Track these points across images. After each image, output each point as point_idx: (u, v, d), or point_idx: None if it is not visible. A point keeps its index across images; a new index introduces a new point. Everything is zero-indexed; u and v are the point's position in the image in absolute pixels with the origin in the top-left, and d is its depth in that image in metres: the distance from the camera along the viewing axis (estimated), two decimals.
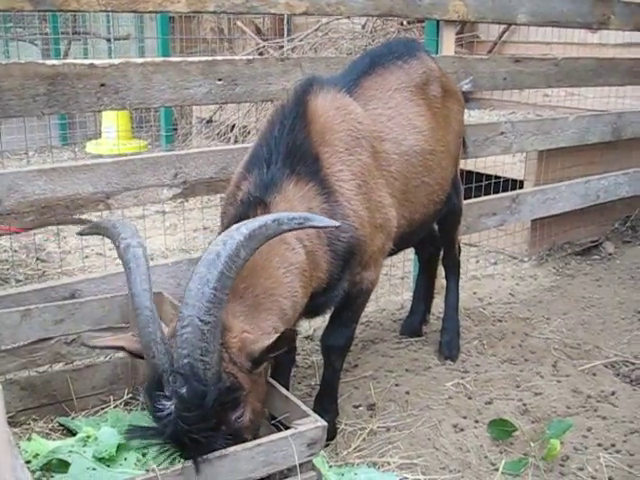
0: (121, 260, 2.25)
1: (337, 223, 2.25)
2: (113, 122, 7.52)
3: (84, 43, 9.99)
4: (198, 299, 2.00)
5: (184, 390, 1.95)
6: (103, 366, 2.99)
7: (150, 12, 3.10)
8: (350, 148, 2.69)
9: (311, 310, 2.69)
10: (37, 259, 5.08)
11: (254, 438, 2.13)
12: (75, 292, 3.02)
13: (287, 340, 2.14)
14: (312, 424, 2.15)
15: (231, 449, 2.01)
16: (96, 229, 2.54)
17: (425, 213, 3.13)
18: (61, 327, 2.82)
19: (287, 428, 2.18)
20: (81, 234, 2.68)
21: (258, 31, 8.58)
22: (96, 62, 2.86)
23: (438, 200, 3.20)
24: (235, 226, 2.10)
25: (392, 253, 3.09)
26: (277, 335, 2.11)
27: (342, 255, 2.63)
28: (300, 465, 2.12)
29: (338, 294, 2.76)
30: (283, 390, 2.29)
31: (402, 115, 3.01)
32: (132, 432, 2.01)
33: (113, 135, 7.87)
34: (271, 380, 2.37)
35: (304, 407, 2.20)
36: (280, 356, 2.84)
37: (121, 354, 3.02)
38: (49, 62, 2.77)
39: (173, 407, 1.94)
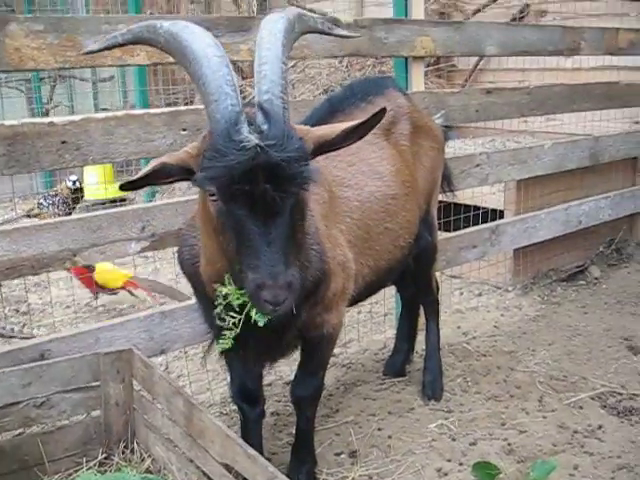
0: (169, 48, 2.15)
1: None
2: (95, 169, 7.51)
3: (69, 87, 10.00)
4: (272, 42, 2.07)
5: (266, 127, 1.93)
6: (75, 427, 2.92)
7: (110, 66, 3.09)
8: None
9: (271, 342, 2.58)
10: (17, 311, 5.03)
11: None
12: (45, 352, 2.95)
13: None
14: None
15: None
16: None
17: (391, 259, 3.07)
18: (29, 390, 2.75)
19: None
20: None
21: (237, 68, 8.58)
22: (56, 120, 2.83)
23: (405, 244, 3.15)
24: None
25: (358, 300, 3.04)
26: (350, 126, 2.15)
27: (310, 274, 2.49)
28: None
29: (295, 328, 2.59)
30: (251, 450, 2.22)
31: (363, 161, 2.97)
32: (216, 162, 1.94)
33: (95, 180, 7.85)
34: (238, 439, 2.30)
35: (272, 468, 2.14)
36: (247, 412, 2.84)
37: (95, 413, 2.97)
38: (7, 123, 2.74)
39: (257, 140, 1.89)
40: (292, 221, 2.03)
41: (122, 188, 2.04)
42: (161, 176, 2.05)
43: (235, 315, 2.15)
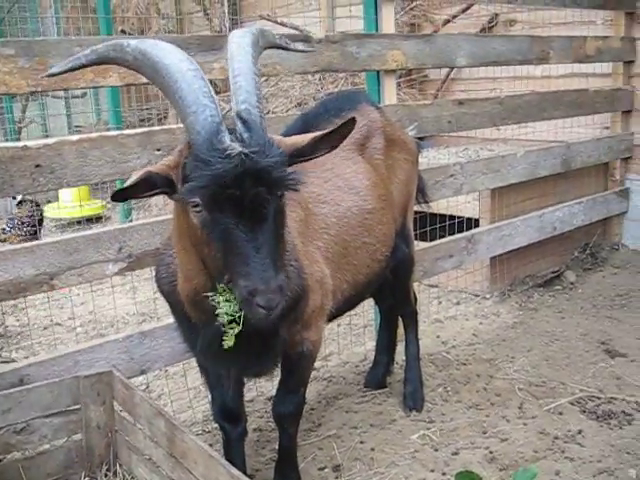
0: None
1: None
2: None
3: (41, 104, 9.93)
4: (243, 54, 2.15)
5: (247, 135, 1.97)
6: (56, 452, 2.90)
7: (83, 88, 3.09)
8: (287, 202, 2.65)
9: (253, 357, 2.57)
10: None
11: None
12: (24, 377, 2.94)
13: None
14: None
15: None
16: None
17: (369, 273, 3.09)
18: (9, 416, 2.73)
19: None
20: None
21: (212, 84, 8.60)
22: (29, 143, 2.83)
23: (382, 258, 3.17)
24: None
25: (337, 315, 3.05)
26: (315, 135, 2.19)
27: (290, 290, 2.47)
28: None
29: (276, 345, 2.60)
30: (234, 470, 2.22)
31: (339, 177, 2.99)
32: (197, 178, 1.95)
33: (70, 198, 7.82)
34: (221, 460, 2.30)
35: None
36: (229, 431, 2.84)
37: (77, 436, 2.95)
38: None
39: (241, 147, 1.93)
40: (276, 227, 2.06)
41: (114, 199, 2.04)
42: (147, 186, 2.04)
43: (234, 314, 2.13)
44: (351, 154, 3.13)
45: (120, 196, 2.03)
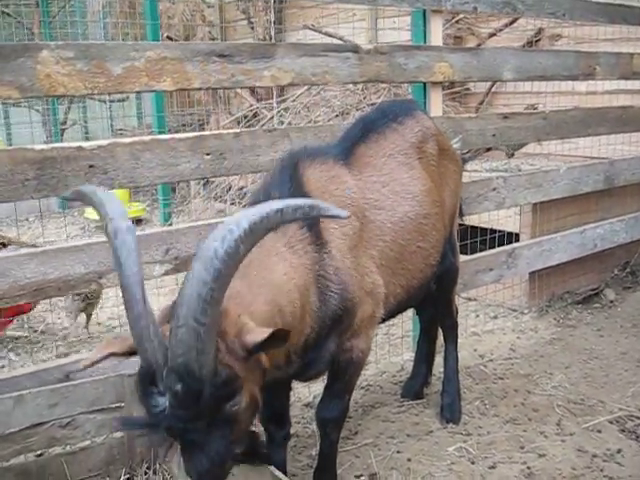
0: (108, 241, 2.05)
1: (346, 213, 2.04)
2: None
3: (83, 108, 10.10)
4: (194, 300, 1.86)
5: (178, 388, 1.88)
6: (98, 448, 2.96)
7: (137, 92, 3.16)
8: (345, 207, 2.67)
9: (303, 369, 2.64)
10: (35, 331, 5.07)
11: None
12: (69, 373, 3.00)
13: (280, 339, 2.01)
14: None
15: None
16: (81, 197, 2.28)
17: (422, 278, 3.13)
18: (55, 411, 2.80)
19: None
20: (65, 198, 2.63)
21: (252, 91, 8.68)
22: (84, 144, 2.89)
23: (435, 263, 3.20)
24: (235, 218, 1.91)
25: (389, 317, 3.09)
26: (270, 331, 1.97)
27: (331, 310, 2.57)
28: None
29: (326, 356, 2.67)
30: (277, 472, 2.25)
31: (396, 181, 3.02)
32: (129, 424, 2.07)
33: None
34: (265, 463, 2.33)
35: None
36: (274, 433, 2.87)
37: (118, 434, 3.00)
38: (37, 147, 2.80)
39: (167, 403, 1.90)
40: (220, 434, 2.02)
41: None
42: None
43: None
44: (408, 158, 3.14)
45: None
